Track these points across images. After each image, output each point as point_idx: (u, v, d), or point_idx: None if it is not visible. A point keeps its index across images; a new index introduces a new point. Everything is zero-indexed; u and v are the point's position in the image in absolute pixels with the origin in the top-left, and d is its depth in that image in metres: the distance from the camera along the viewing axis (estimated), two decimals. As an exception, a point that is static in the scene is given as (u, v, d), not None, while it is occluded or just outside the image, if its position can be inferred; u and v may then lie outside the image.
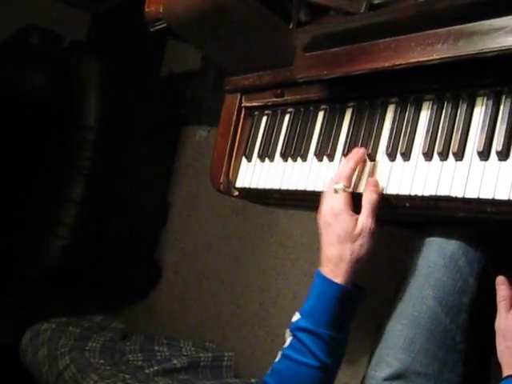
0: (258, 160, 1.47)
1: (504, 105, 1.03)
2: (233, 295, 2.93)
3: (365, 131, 1.25)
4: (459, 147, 1.06)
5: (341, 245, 1.13)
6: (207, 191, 2.95)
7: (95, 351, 2.45)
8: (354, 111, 1.29)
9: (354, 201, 1.17)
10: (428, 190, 1.09)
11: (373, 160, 1.21)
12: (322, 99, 1.35)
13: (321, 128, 1.35)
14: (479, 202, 1.02)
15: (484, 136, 1.03)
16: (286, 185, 1.38)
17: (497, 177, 1.00)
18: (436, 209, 1.10)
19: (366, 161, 1.22)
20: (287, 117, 1.45)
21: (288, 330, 1.15)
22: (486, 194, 1.00)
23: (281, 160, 1.41)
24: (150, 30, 1.47)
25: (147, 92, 3.32)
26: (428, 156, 1.11)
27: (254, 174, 1.46)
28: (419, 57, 1.05)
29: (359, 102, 1.28)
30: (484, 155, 1.03)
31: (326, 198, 1.19)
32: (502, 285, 1.07)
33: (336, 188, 1.17)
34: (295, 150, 1.38)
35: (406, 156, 1.15)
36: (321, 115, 1.37)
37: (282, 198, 1.41)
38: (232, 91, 1.55)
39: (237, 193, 1.52)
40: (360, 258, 1.13)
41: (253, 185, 1.46)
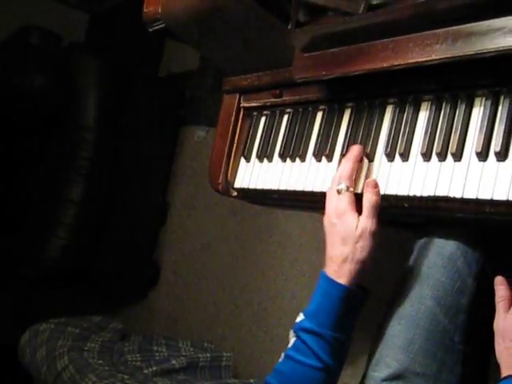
0: (257, 160, 1.47)
1: (502, 105, 1.03)
2: (231, 295, 2.93)
3: (363, 132, 1.25)
4: (458, 148, 1.06)
5: (344, 245, 1.12)
6: (206, 191, 2.96)
7: (94, 351, 2.45)
8: (353, 112, 1.29)
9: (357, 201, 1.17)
10: (426, 191, 1.09)
11: (371, 160, 1.21)
12: (321, 100, 1.35)
13: (319, 128, 1.35)
14: (478, 203, 1.02)
15: (482, 137, 1.03)
16: (285, 185, 1.37)
17: (495, 177, 1.00)
18: (434, 209, 1.10)
19: (364, 161, 1.22)
20: (286, 117, 1.45)
21: (292, 331, 1.14)
22: (485, 195, 1.00)
23: (279, 160, 1.41)
24: (149, 31, 1.47)
25: (146, 92, 3.32)
26: (426, 156, 1.11)
27: (253, 175, 1.46)
28: (418, 57, 1.05)
29: (358, 103, 1.28)
30: (482, 156, 1.03)
31: (330, 199, 1.18)
32: (501, 285, 1.06)
33: (339, 189, 1.16)
34: (294, 151, 1.38)
35: (405, 156, 1.15)
36: (319, 116, 1.37)
37: (281, 199, 1.41)
38: (230, 91, 1.55)
39: (235, 193, 1.52)
40: (362, 260, 1.12)
41: (251, 185, 1.46)
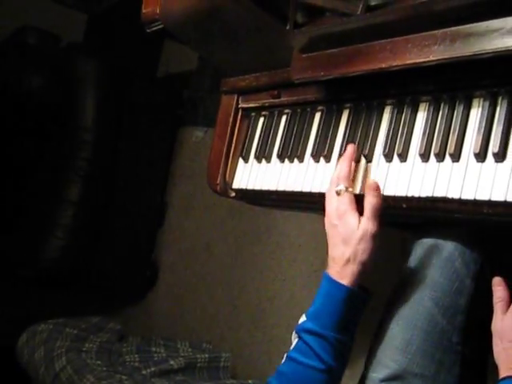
0: (255, 161, 1.47)
1: (500, 106, 1.03)
2: (230, 296, 2.93)
3: (361, 132, 1.25)
4: (456, 148, 1.06)
5: (346, 246, 1.12)
6: (204, 192, 2.96)
7: (92, 352, 2.45)
8: (351, 112, 1.29)
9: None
10: (425, 191, 1.09)
11: (369, 161, 1.21)
12: (319, 100, 1.35)
13: (317, 129, 1.35)
14: (476, 204, 1.02)
15: (480, 137, 1.03)
16: (283, 186, 1.37)
17: (493, 178, 1.00)
18: (433, 210, 1.10)
19: (363, 161, 1.22)
20: (284, 118, 1.45)
21: (294, 332, 1.14)
22: (483, 196, 1.00)
23: (278, 161, 1.41)
24: (147, 31, 1.47)
25: (144, 93, 3.32)
26: (425, 157, 1.11)
27: (251, 175, 1.46)
28: (416, 58, 1.05)
29: (356, 104, 1.28)
30: (480, 156, 1.03)
31: (330, 201, 1.18)
32: (499, 286, 1.06)
33: (338, 190, 1.16)
34: (292, 151, 1.38)
35: (403, 157, 1.15)
36: (317, 116, 1.37)
37: (279, 199, 1.41)
38: (229, 92, 1.55)
39: (233, 194, 1.52)
40: (364, 261, 1.11)
41: (249, 186, 1.46)
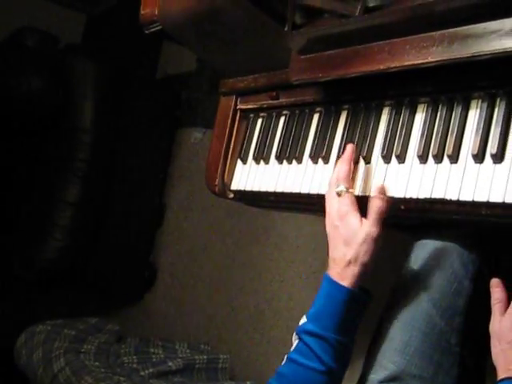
0: (253, 162, 1.47)
1: (498, 107, 1.03)
2: (228, 297, 2.93)
3: (360, 133, 1.25)
4: (454, 150, 1.06)
5: (347, 247, 1.12)
6: (203, 193, 2.96)
7: (90, 353, 2.45)
8: (349, 114, 1.29)
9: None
10: (423, 193, 1.09)
11: (368, 162, 1.21)
12: (317, 101, 1.35)
13: (316, 130, 1.35)
14: (474, 205, 1.02)
15: (479, 139, 1.03)
16: (281, 187, 1.37)
17: (491, 179, 1.00)
18: (431, 211, 1.10)
19: (361, 163, 1.21)
20: (282, 119, 1.45)
21: (294, 334, 1.14)
22: (481, 197, 1.00)
23: (276, 162, 1.41)
24: (146, 33, 1.47)
25: (143, 94, 3.32)
26: (423, 159, 1.11)
27: (249, 177, 1.46)
28: (414, 59, 1.05)
29: (354, 105, 1.28)
30: (479, 158, 1.03)
31: (331, 202, 1.17)
32: (497, 287, 1.06)
33: (338, 191, 1.16)
34: (290, 153, 1.38)
35: (401, 158, 1.15)
36: (316, 117, 1.37)
37: (277, 201, 1.41)
38: (227, 93, 1.55)
39: (232, 195, 1.52)
40: (365, 263, 1.11)
41: (248, 187, 1.46)
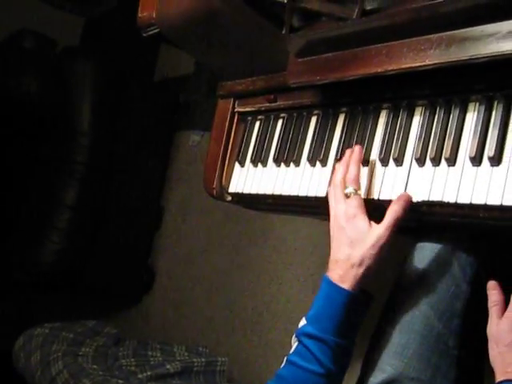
0: (251, 165, 1.47)
1: (496, 110, 1.03)
2: (226, 300, 2.92)
3: (357, 136, 1.25)
4: (451, 153, 1.06)
5: (352, 248, 1.11)
6: (201, 196, 2.94)
7: (88, 356, 2.45)
8: (347, 116, 1.29)
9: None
10: (421, 196, 1.09)
11: (366, 165, 1.21)
12: (315, 104, 1.35)
13: (314, 133, 1.35)
14: (471, 207, 1.02)
15: (476, 141, 1.03)
16: (279, 190, 1.37)
17: (489, 182, 1.00)
18: (429, 214, 1.10)
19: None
20: (280, 122, 1.45)
21: (294, 336, 1.13)
22: (479, 200, 1.00)
23: (274, 165, 1.41)
24: (144, 35, 1.47)
25: (140, 97, 3.32)
26: (420, 161, 1.11)
27: (247, 179, 1.46)
28: (411, 62, 1.05)
29: (352, 108, 1.28)
30: (476, 161, 1.03)
31: (338, 204, 1.16)
32: (494, 290, 1.06)
33: (347, 192, 1.15)
34: (288, 155, 1.38)
35: (399, 161, 1.15)
36: (314, 120, 1.37)
37: (275, 204, 1.41)
38: (225, 96, 1.55)
39: (230, 198, 1.52)
40: (369, 266, 1.10)
41: (246, 190, 1.46)
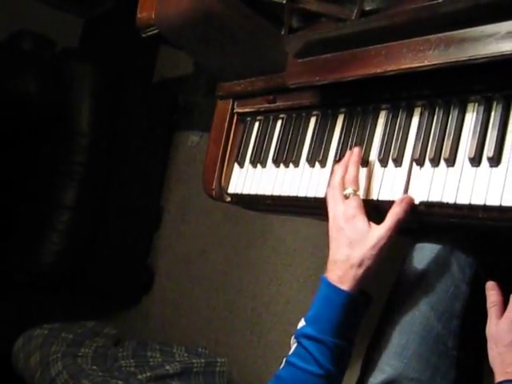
0: (250, 166, 1.47)
1: (495, 111, 1.03)
2: (225, 301, 2.92)
3: (357, 137, 1.25)
4: (451, 153, 1.06)
5: (351, 249, 1.10)
6: (200, 197, 2.95)
7: (88, 357, 2.45)
8: (346, 117, 1.29)
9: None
10: (420, 196, 1.09)
11: (365, 166, 1.21)
12: (314, 105, 1.35)
13: (313, 134, 1.35)
14: (471, 208, 1.02)
15: (475, 142, 1.03)
16: (278, 191, 1.37)
17: (488, 183, 1.00)
18: (428, 215, 1.09)
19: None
20: (279, 123, 1.45)
21: (293, 337, 1.13)
22: (478, 200, 1.00)
23: (273, 166, 1.41)
24: (143, 36, 1.47)
25: (140, 97, 3.32)
26: (420, 162, 1.11)
27: (246, 180, 1.46)
28: (410, 63, 1.05)
29: (351, 108, 1.28)
30: (475, 161, 1.03)
31: (337, 205, 1.16)
32: (492, 290, 1.06)
33: (346, 193, 1.15)
34: (287, 156, 1.38)
35: (398, 162, 1.15)
36: (313, 121, 1.37)
37: (275, 204, 1.41)
38: (224, 97, 1.55)
39: (229, 199, 1.51)
40: (368, 267, 1.09)
41: (245, 191, 1.46)
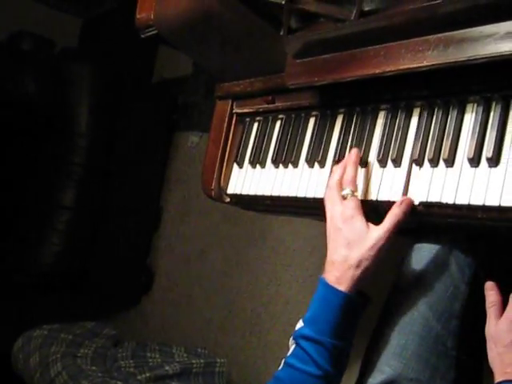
0: (250, 166, 1.47)
1: (494, 111, 1.03)
2: (225, 301, 2.92)
3: (356, 137, 1.25)
4: (450, 154, 1.06)
5: (349, 249, 1.10)
6: (199, 197, 2.96)
7: (87, 358, 2.45)
8: (345, 117, 1.29)
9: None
10: (419, 197, 1.09)
11: (364, 166, 1.21)
12: (313, 106, 1.35)
13: (312, 134, 1.35)
14: (470, 208, 1.02)
15: (474, 142, 1.03)
16: (278, 191, 1.37)
17: (487, 183, 1.00)
18: (427, 215, 1.09)
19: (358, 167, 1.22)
20: (278, 123, 1.45)
21: (291, 338, 1.13)
22: (477, 200, 1.00)
23: (272, 166, 1.41)
24: (142, 37, 1.47)
25: (139, 98, 3.32)
26: (419, 162, 1.11)
27: (246, 181, 1.46)
28: (409, 63, 1.05)
29: (350, 109, 1.28)
30: (474, 162, 1.03)
31: (333, 205, 1.16)
32: (491, 290, 1.06)
33: (344, 194, 1.15)
34: (286, 157, 1.38)
35: (397, 162, 1.15)
36: (312, 122, 1.37)
37: (274, 205, 1.41)
38: (223, 97, 1.55)
39: (228, 199, 1.51)
40: (366, 267, 1.09)
41: (244, 191, 1.46)
